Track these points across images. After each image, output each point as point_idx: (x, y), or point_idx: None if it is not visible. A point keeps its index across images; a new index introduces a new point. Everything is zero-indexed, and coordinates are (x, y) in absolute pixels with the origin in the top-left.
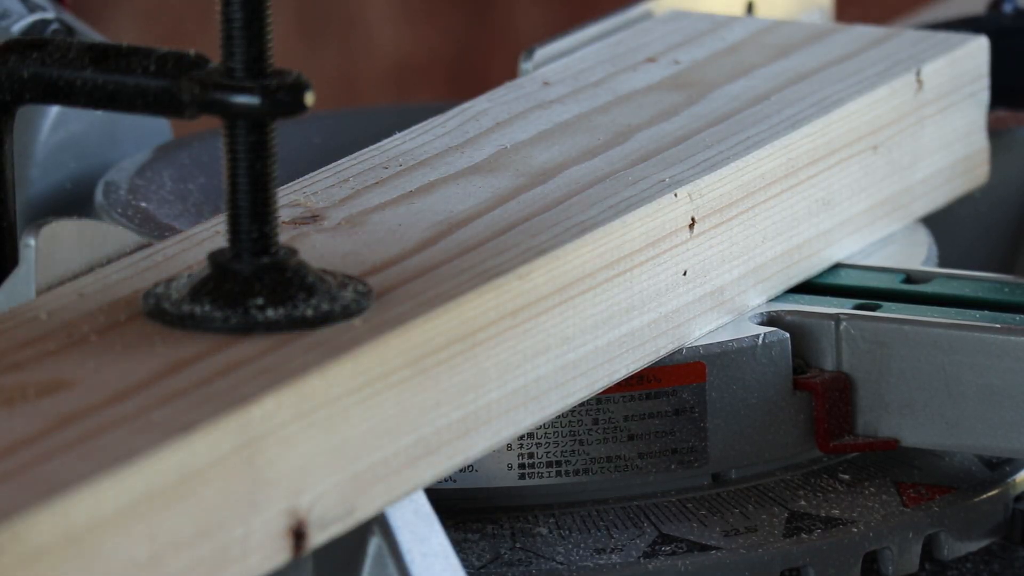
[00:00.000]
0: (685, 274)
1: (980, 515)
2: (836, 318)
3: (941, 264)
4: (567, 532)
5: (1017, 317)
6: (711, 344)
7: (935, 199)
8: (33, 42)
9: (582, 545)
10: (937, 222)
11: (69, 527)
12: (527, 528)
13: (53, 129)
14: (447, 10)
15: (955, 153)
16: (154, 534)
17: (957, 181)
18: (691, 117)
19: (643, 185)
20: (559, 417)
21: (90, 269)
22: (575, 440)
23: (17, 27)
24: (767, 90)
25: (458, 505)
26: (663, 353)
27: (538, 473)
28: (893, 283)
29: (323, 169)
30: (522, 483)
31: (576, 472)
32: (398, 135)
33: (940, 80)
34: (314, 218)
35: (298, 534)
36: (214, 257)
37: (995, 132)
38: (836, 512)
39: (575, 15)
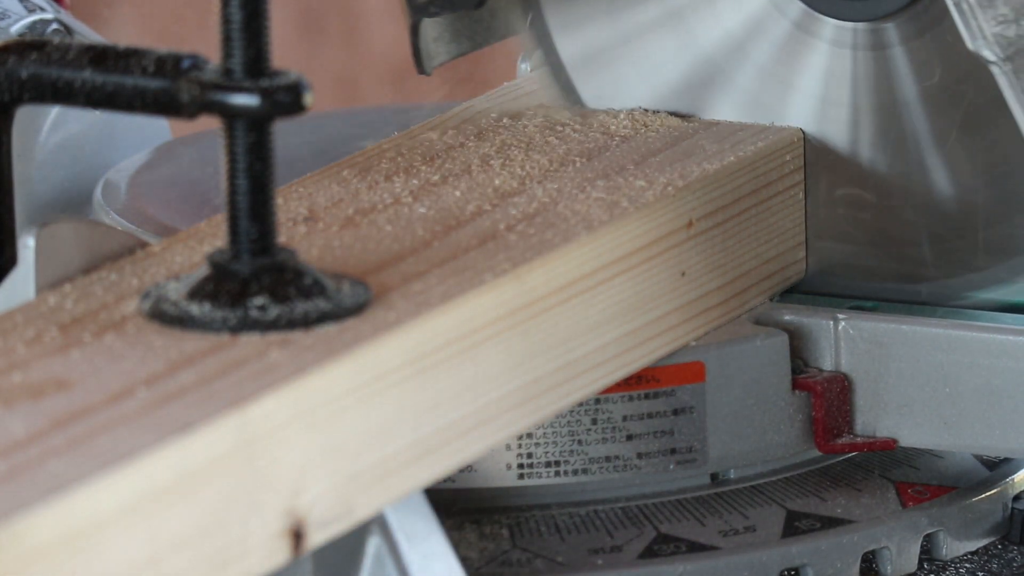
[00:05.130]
0: (683, 275)
1: (979, 515)
2: (835, 318)
3: None
4: (566, 532)
5: (1017, 317)
6: (710, 344)
7: None
8: (32, 43)
9: (581, 545)
10: None
11: (69, 527)
12: (526, 528)
13: (53, 129)
14: None
15: None
16: (154, 534)
17: None
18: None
19: (642, 186)
20: (558, 417)
21: (90, 269)
22: (574, 440)
23: (16, 27)
24: None
25: (458, 505)
26: (661, 353)
27: (537, 473)
28: None
29: (323, 169)
30: (521, 483)
31: (575, 472)
32: (398, 135)
33: None
34: (314, 218)
35: (297, 534)
36: (213, 257)
37: None
38: (835, 512)
39: None
